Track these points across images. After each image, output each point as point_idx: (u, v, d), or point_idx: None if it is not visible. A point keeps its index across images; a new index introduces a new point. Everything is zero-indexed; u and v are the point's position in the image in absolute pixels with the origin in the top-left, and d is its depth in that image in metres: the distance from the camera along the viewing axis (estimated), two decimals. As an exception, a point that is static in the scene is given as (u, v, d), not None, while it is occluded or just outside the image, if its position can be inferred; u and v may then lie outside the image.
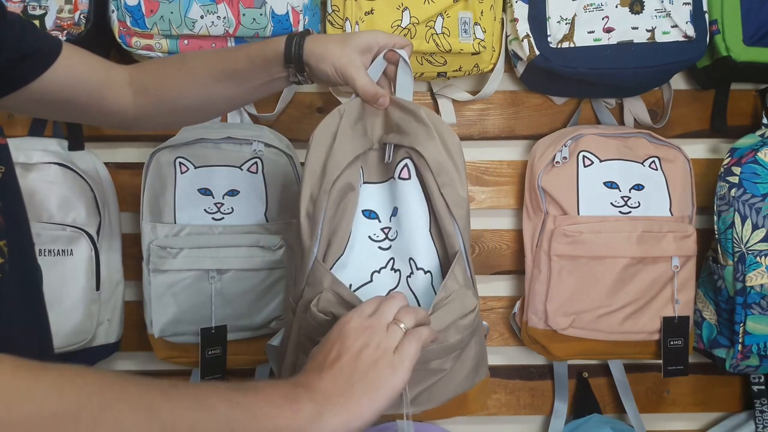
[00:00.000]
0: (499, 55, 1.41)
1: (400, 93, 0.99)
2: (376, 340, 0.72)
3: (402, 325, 0.74)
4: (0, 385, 0.49)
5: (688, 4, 1.35)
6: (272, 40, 0.99)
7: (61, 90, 0.96)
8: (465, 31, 1.34)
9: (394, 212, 0.98)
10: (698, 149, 1.53)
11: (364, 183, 0.97)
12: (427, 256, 0.97)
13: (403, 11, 1.31)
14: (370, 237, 0.98)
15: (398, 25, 1.31)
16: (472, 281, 0.98)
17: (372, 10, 1.31)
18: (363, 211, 0.98)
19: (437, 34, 1.32)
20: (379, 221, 0.99)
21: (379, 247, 0.98)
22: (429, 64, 1.36)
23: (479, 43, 1.35)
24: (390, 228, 0.99)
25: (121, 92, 1.03)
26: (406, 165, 0.96)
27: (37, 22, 1.27)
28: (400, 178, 0.96)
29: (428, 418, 1.23)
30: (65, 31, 1.27)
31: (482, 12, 1.35)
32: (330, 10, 1.34)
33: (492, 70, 1.42)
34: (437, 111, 1.49)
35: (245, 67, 1.00)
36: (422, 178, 0.94)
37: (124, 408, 0.54)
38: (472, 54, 1.35)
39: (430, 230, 0.97)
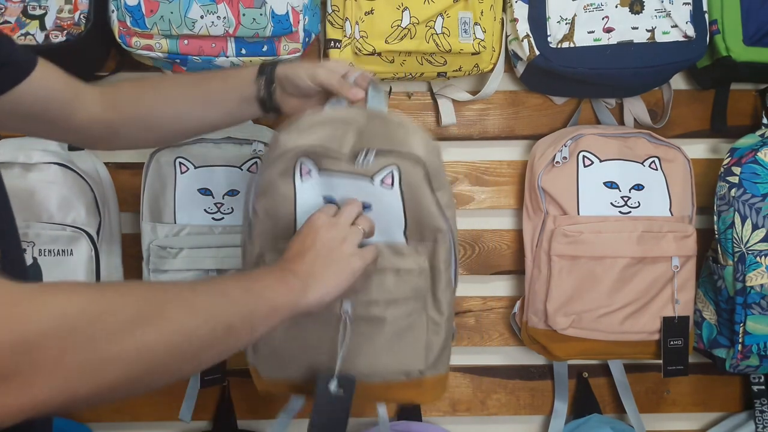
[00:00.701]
0: (499, 55, 1.41)
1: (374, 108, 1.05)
2: (342, 234, 0.93)
3: (361, 227, 0.96)
4: (89, 301, 0.59)
5: (688, 4, 1.35)
6: (240, 69, 1.10)
7: (33, 104, 0.96)
8: (465, 31, 1.34)
9: (364, 207, 1.03)
10: (698, 149, 1.53)
11: (323, 170, 1.01)
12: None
13: (403, 11, 1.31)
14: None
15: (398, 25, 1.31)
16: (454, 278, 1.09)
17: (372, 10, 1.31)
18: (324, 196, 1.03)
19: (437, 34, 1.32)
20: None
21: None
22: (429, 64, 1.36)
23: (479, 43, 1.35)
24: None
25: (91, 108, 1.03)
26: (391, 173, 1.00)
27: (37, 22, 1.27)
28: (382, 184, 1.01)
29: (382, 397, 1.17)
30: (65, 31, 1.27)
31: (482, 12, 1.35)
32: (330, 10, 1.34)
33: (492, 70, 1.42)
34: (437, 111, 1.49)
35: (218, 87, 1.06)
36: (405, 187, 1.01)
37: (174, 307, 0.66)
38: (472, 54, 1.35)
39: (405, 233, 1.05)
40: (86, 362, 0.56)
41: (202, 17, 1.25)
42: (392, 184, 1.01)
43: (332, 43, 1.35)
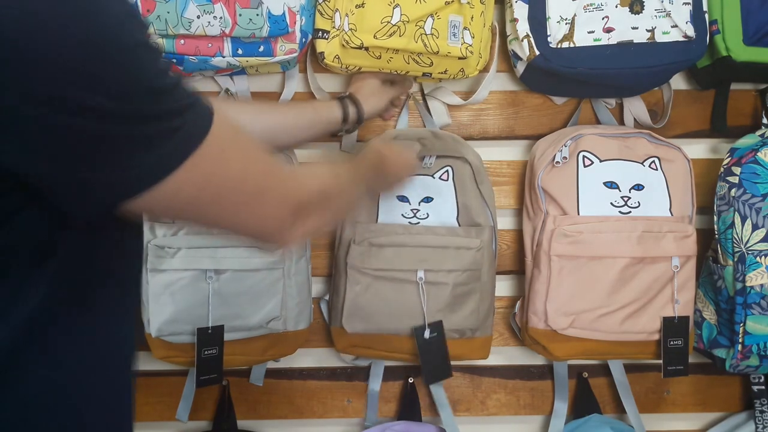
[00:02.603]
0: (485, 62, 1.41)
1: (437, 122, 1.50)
2: (405, 164, 1.30)
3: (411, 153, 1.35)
4: (331, 177, 1.00)
5: (688, 4, 1.34)
6: (329, 103, 1.36)
7: None
8: (454, 35, 1.33)
9: (426, 200, 1.42)
10: (698, 149, 1.52)
11: None
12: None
13: (394, 8, 1.30)
14: (402, 215, 1.42)
15: (388, 21, 1.30)
16: (495, 253, 1.44)
17: (363, 4, 1.30)
18: (396, 196, 1.43)
19: (426, 34, 1.32)
20: (410, 203, 1.42)
21: (409, 222, 1.42)
22: (415, 64, 1.36)
23: (467, 48, 1.35)
24: (419, 210, 1.42)
25: None
26: (446, 170, 1.41)
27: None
28: (440, 179, 1.42)
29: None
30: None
31: (472, 17, 1.35)
32: (321, 0, 1.34)
33: (476, 76, 1.42)
34: (428, 111, 1.49)
35: (310, 117, 1.31)
36: (457, 181, 1.41)
37: (352, 184, 1.08)
38: (459, 58, 1.35)
39: (457, 219, 1.42)
40: (329, 207, 0.93)
41: (198, 17, 1.25)
42: (447, 178, 1.41)
43: (320, 34, 1.34)
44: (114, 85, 0.60)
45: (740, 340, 1.38)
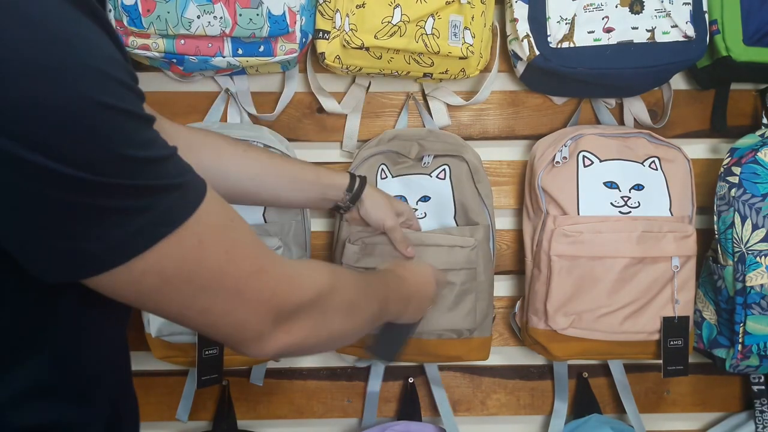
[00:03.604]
0: (486, 62, 1.41)
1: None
2: (436, 290, 1.20)
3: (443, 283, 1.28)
4: (348, 280, 0.91)
5: (688, 4, 1.34)
6: (334, 172, 1.29)
7: None
8: (455, 35, 1.33)
9: (424, 199, 1.42)
10: (698, 149, 1.53)
11: (394, 177, 1.43)
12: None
13: (394, 8, 1.30)
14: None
15: (389, 22, 1.30)
16: (492, 252, 1.43)
17: (363, 4, 1.30)
18: (396, 195, 1.41)
19: (427, 34, 1.32)
20: (407, 203, 1.42)
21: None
22: (416, 64, 1.36)
23: (467, 48, 1.35)
24: (416, 209, 1.41)
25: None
26: (443, 169, 1.41)
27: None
28: (437, 178, 1.41)
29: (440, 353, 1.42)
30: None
31: (473, 17, 1.35)
32: (321, 0, 1.34)
33: (477, 76, 1.42)
34: (428, 111, 1.49)
35: (309, 177, 1.23)
36: (454, 179, 1.40)
37: (368, 294, 0.95)
38: (460, 58, 1.35)
39: (454, 217, 1.41)
40: (323, 320, 0.81)
41: (198, 17, 1.25)
42: (444, 177, 1.41)
43: (321, 34, 1.34)
44: (78, 151, 0.54)
45: (740, 340, 1.38)
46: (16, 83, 0.52)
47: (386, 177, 1.42)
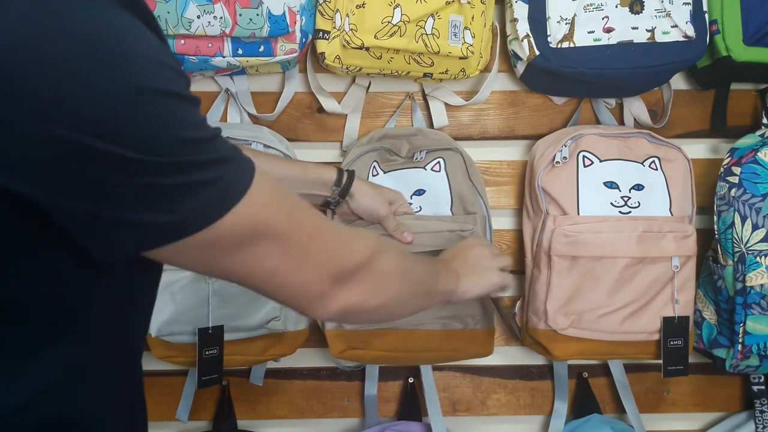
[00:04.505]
0: (486, 62, 1.41)
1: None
2: (490, 253, 1.23)
3: (505, 257, 1.28)
4: (394, 246, 1.05)
5: (688, 4, 1.35)
6: (322, 166, 1.31)
7: None
8: (455, 35, 1.33)
9: (418, 192, 1.42)
10: (698, 149, 1.52)
11: (385, 173, 1.43)
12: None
13: (394, 8, 1.30)
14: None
15: (389, 22, 1.30)
16: (490, 239, 1.43)
17: (363, 4, 1.30)
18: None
19: (427, 34, 1.32)
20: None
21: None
22: (416, 64, 1.36)
23: (467, 48, 1.35)
24: (411, 203, 1.42)
25: None
26: (438, 162, 1.42)
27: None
28: (432, 171, 1.42)
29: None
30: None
31: (473, 17, 1.35)
32: (321, 0, 1.34)
33: (477, 76, 1.43)
34: (428, 111, 1.49)
35: (296, 173, 1.25)
36: (450, 171, 1.42)
37: (416, 270, 0.99)
38: (460, 58, 1.35)
39: (451, 209, 1.42)
40: (379, 280, 0.86)
41: (198, 17, 1.25)
42: (440, 170, 1.42)
43: (321, 34, 1.34)
44: (142, 137, 0.58)
45: (740, 340, 1.38)
46: (76, 79, 0.54)
47: (378, 174, 1.42)
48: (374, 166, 1.42)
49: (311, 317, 0.76)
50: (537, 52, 1.35)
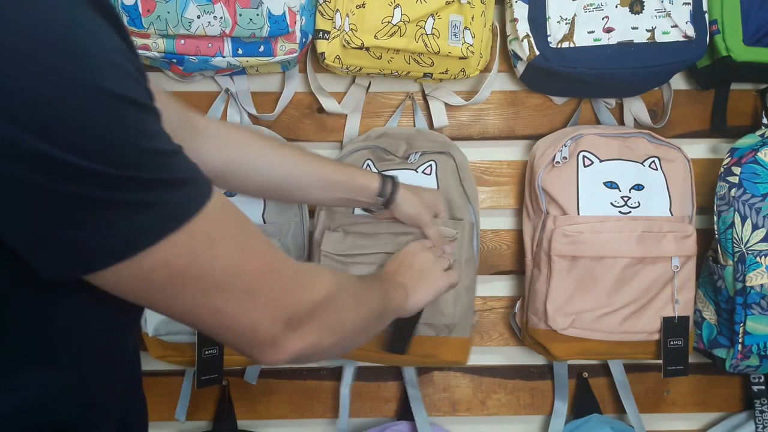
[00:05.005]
0: (486, 62, 1.41)
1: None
2: (433, 258, 1.17)
3: (447, 258, 1.21)
4: (349, 277, 0.91)
5: (688, 4, 1.34)
6: (367, 173, 1.28)
7: None
8: (455, 35, 1.33)
9: None
10: (698, 149, 1.52)
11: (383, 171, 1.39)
12: None
13: (394, 8, 1.30)
14: None
15: (389, 22, 1.30)
16: (475, 253, 1.39)
17: (363, 4, 1.30)
18: None
19: (427, 34, 1.32)
20: None
21: None
22: (416, 64, 1.36)
23: (468, 48, 1.35)
24: None
25: (209, 151, 1.05)
26: (430, 165, 1.40)
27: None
28: (423, 173, 1.40)
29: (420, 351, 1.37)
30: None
31: (473, 17, 1.35)
32: (322, 0, 1.34)
33: (477, 76, 1.43)
34: (428, 111, 1.49)
35: (340, 178, 1.21)
36: (440, 175, 1.40)
37: (365, 295, 0.91)
38: (460, 58, 1.35)
39: None
40: (336, 319, 0.79)
41: (198, 17, 1.25)
42: (430, 173, 1.40)
43: (321, 34, 1.34)
44: (89, 141, 0.53)
45: (740, 340, 1.38)
46: (24, 70, 0.51)
47: None
48: (368, 164, 1.40)
49: (261, 363, 0.70)
50: (537, 52, 1.35)
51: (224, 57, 1.30)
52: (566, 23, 1.34)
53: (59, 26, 0.53)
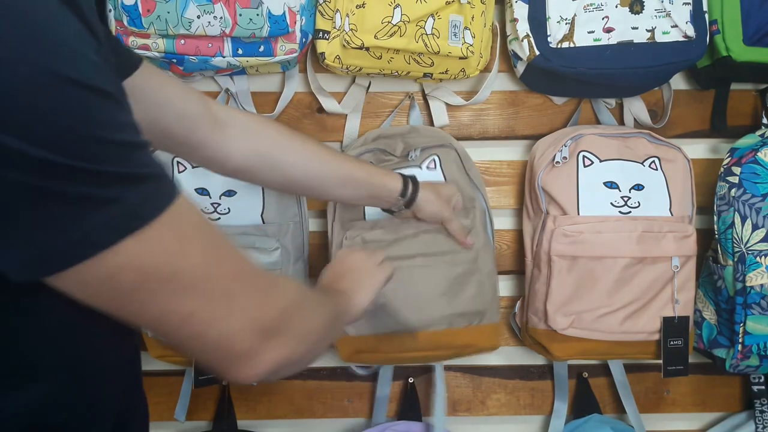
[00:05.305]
0: (486, 62, 1.41)
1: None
2: (364, 258, 1.13)
3: (379, 256, 1.16)
4: (308, 291, 0.87)
5: (688, 4, 1.34)
6: (389, 173, 1.27)
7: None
8: (455, 35, 1.33)
9: None
10: (698, 149, 1.52)
11: None
12: None
13: (394, 8, 1.30)
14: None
15: (389, 22, 1.30)
16: (491, 239, 1.42)
17: (363, 4, 1.30)
18: None
19: (427, 34, 1.32)
20: None
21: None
22: (416, 64, 1.36)
23: (467, 48, 1.35)
24: None
25: (221, 129, 1.05)
26: (433, 159, 1.41)
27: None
28: (428, 169, 1.40)
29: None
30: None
31: (473, 17, 1.35)
32: (322, 0, 1.34)
33: (477, 76, 1.43)
34: (428, 111, 1.49)
35: (362, 177, 1.21)
36: (445, 168, 1.40)
37: (322, 304, 0.88)
38: (460, 58, 1.35)
39: None
40: (303, 325, 0.75)
41: (198, 17, 1.25)
42: (435, 167, 1.40)
43: (321, 34, 1.34)
44: (42, 128, 0.50)
45: (740, 340, 1.37)
46: None
47: None
48: None
49: (234, 380, 0.67)
50: (537, 52, 1.35)
51: (224, 57, 1.30)
52: (566, 23, 1.34)
53: (18, 3, 0.50)
